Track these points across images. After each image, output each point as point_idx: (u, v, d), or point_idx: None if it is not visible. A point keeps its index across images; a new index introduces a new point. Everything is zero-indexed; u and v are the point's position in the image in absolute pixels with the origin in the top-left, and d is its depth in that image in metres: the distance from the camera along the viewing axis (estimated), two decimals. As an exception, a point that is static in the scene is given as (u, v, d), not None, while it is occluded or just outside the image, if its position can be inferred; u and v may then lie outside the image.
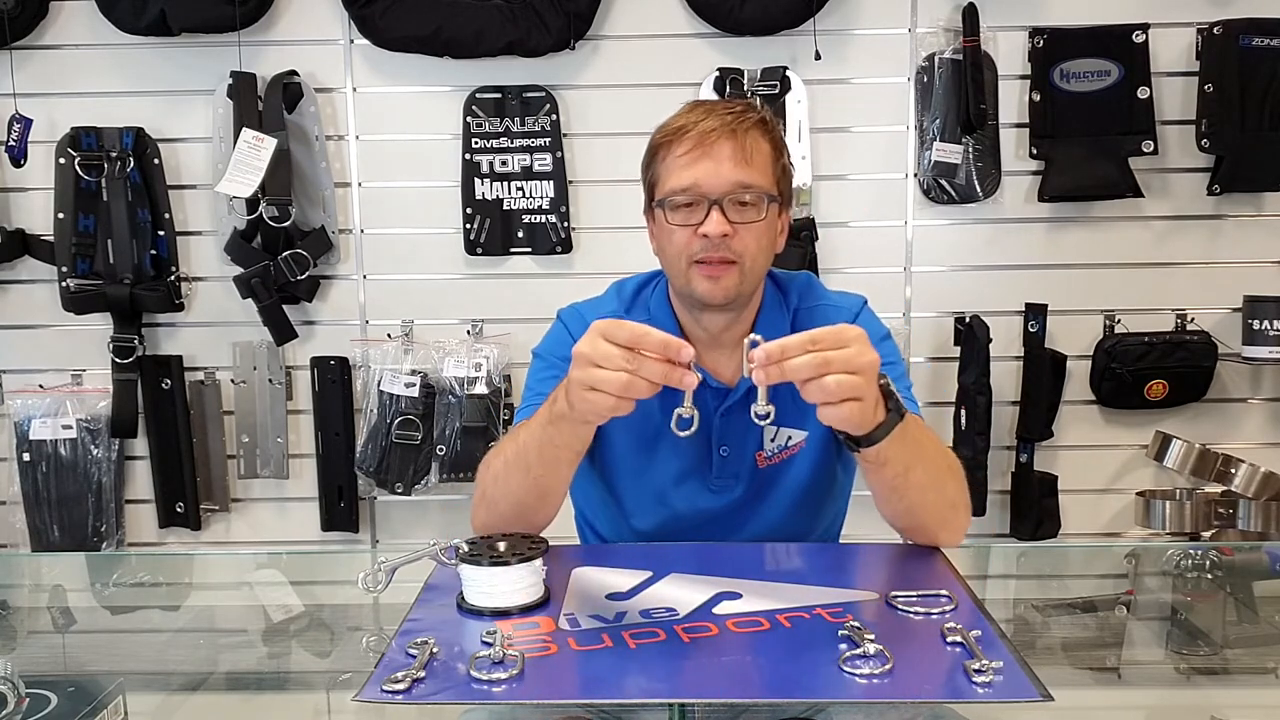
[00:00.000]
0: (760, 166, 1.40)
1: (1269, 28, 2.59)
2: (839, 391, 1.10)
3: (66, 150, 2.64)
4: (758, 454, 1.49)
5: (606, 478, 1.53)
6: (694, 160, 1.39)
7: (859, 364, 1.12)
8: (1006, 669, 0.99)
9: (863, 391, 1.12)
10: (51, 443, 2.70)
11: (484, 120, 2.69)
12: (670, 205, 1.41)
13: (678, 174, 1.40)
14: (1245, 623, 1.43)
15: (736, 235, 1.38)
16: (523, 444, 1.33)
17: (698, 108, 1.45)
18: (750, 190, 1.39)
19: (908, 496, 1.31)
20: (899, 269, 2.73)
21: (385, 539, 2.84)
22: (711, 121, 1.39)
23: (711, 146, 1.38)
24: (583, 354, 1.15)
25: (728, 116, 1.40)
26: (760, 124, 1.43)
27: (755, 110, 1.45)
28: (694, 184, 1.39)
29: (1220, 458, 2.58)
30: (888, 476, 1.27)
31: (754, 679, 1.01)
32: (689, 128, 1.40)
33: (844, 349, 1.11)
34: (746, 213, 1.39)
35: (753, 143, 1.40)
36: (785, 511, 1.51)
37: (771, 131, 1.44)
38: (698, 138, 1.39)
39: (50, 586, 1.71)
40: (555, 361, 1.52)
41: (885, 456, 1.23)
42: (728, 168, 1.38)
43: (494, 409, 2.66)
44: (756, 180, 1.39)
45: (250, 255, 2.68)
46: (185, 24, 2.60)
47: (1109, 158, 2.65)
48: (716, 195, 1.38)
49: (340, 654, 1.33)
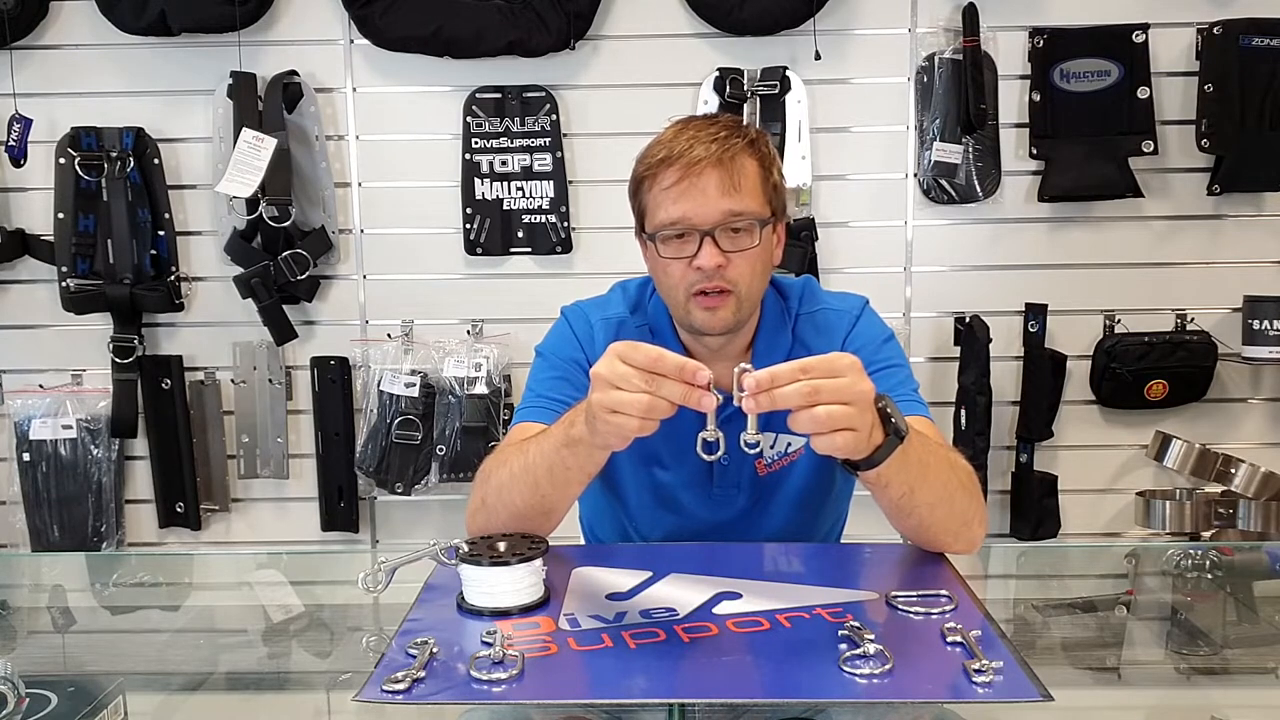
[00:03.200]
0: (749, 190, 1.38)
1: (1269, 28, 2.59)
2: (829, 422, 1.07)
3: (66, 150, 2.64)
4: (757, 462, 1.49)
5: (612, 488, 1.53)
6: (681, 193, 1.37)
7: (851, 394, 1.08)
8: (1006, 669, 0.98)
9: (855, 422, 1.09)
10: (51, 443, 2.70)
11: (484, 120, 2.69)
12: (661, 239, 1.39)
13: (666, 207, 1.38)
14: (1245, 623, 1.43)
15: (731, 264, 1.37)
16: (532, 461, 1.29)
17: (682, 133, 1.40)
18: (741, 218, 1.37)
19: (915, 514, 1.28)
20: (899, 269, 2.73)
21: (385, 539, 2.84)
22: (697, 150, 1.36)
23: (699, 177, 1.36)
24: (601, 377, 1.12)
25: (713, 145, 1.36)
26: (748, 145, 1.39)
27: (741, 130, 1.41)
28: (683, 217, 1.37)
29: (1220, 458, 2.58)
30: (892, 497, 1.25)
31: (754, 679, 1.01)
32: (673, 159, 1.37)
33: (836, 379, 1.08)
34: (739, 240, 1.38)
35: (740, 167, 1.37)
36: (787, 518, 1.51)
37: (759, 149, 1.41)
38: (684, 169, 1.36)
39: (50, 586, 1.71)
40: (557, 361, 1.52)
41: (886, 479, 1.21)
42: (716, 198, 1.36)
43: (494, 409, 2.66)
44: (747, 206, 1.37)
45: (250, 255, 2.68)
46: (185, 24, 2.60)
47: (1109, 158, 2.65)
48: (707, 227, 1.36)
49: (340, 654, 1.33)
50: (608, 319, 1.54)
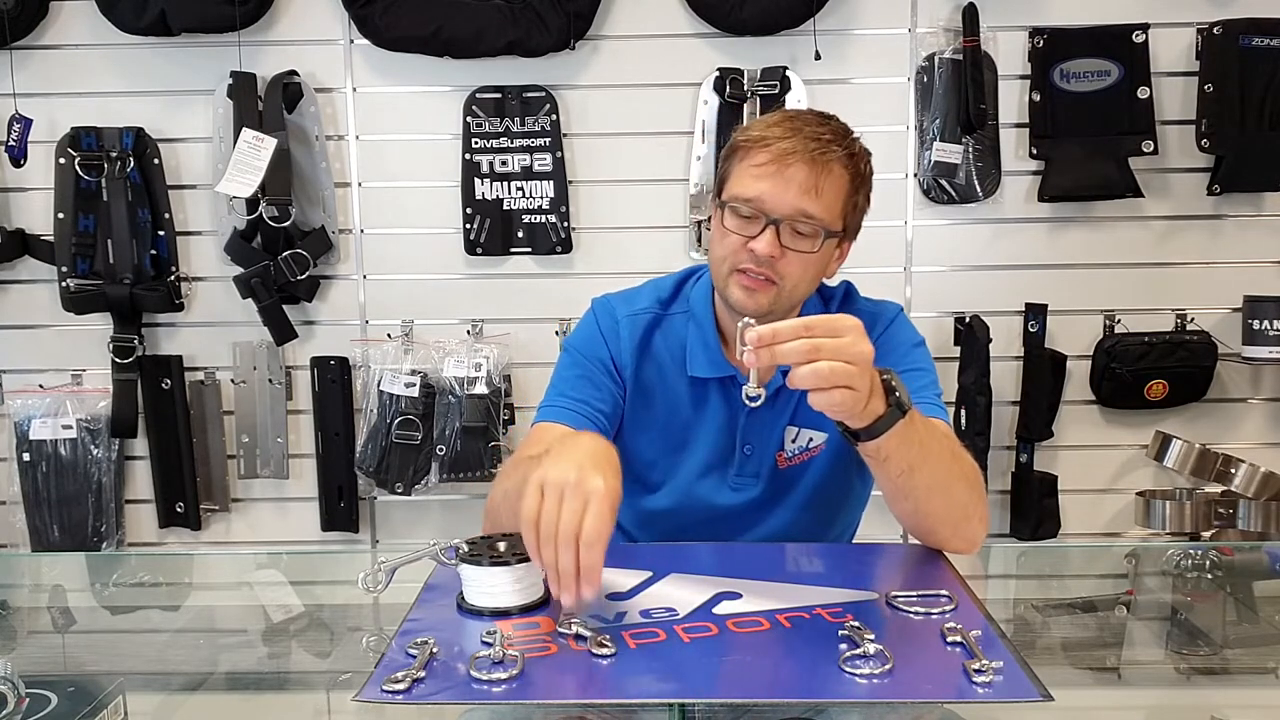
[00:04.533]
0: (829, 199, 1.38)
1: (1269, 28, 2.59)
2: (830, 378, 1.09)
3: (66, 150, 2.64)
4: (778, 454, 1.49)
5: (631, 464, 1.51)
6: (765, 175, 1.37)
7: (851, 353, 1.10)
8: (1006, 669, 0.98)
9: (854, 380, 1.11)
10: (51, 443, 2.70)
11: (484, 120, 2.69)
12: (730, 209, 1.40)
13: (747, 183, 1.39)
14: (1245, 623, 1.43)
15: (784, 258, 1.38)
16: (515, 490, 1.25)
17: (788, 120, 1.41)
18: (811, 221, 1.37)
19: (913, 497, 1.29)
20: (899, 269, 2.73)
21: (385, 539, 2.84)
22: (795, 143, 1.37)
23: (787, 167, 1.36)
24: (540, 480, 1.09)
25: (812, 144, 1.37)
26: (847, 156, 1.39)
27: (846, 141, 1.41)
28: (758, 198, 1.37)
29: (1220, 458, 2.58)
30: (891, 473, 1.26)
31: (754, 679, 1.01)
32: (770, 141, 1.38)
33: (838, 337, 1.10)
34: (801, 241, 1.38)
35: (830, 173, 1.37)
36: (799, 514, 1.52)
37: (856, 165, 1.41)
38: (777, 154, 1.37)
39: (50, 586, 1.71)
40: (580, 359, 1.53)
41: (886, 452, 1.22)
42: (795, 193, 1.36)
43: (494, 409, 2.65)
44: (821, 213, 1.37)
45: (250, 255, 2.68)
46: (185, 24, 2.60)
47: (1109, 158, 2.65)
48: (776, 216, 1.37)
49: (340, 654, 1.33)
50: (635, 315, 1.54)
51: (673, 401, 1.52)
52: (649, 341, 1.53)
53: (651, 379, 1.53)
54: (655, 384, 1.52)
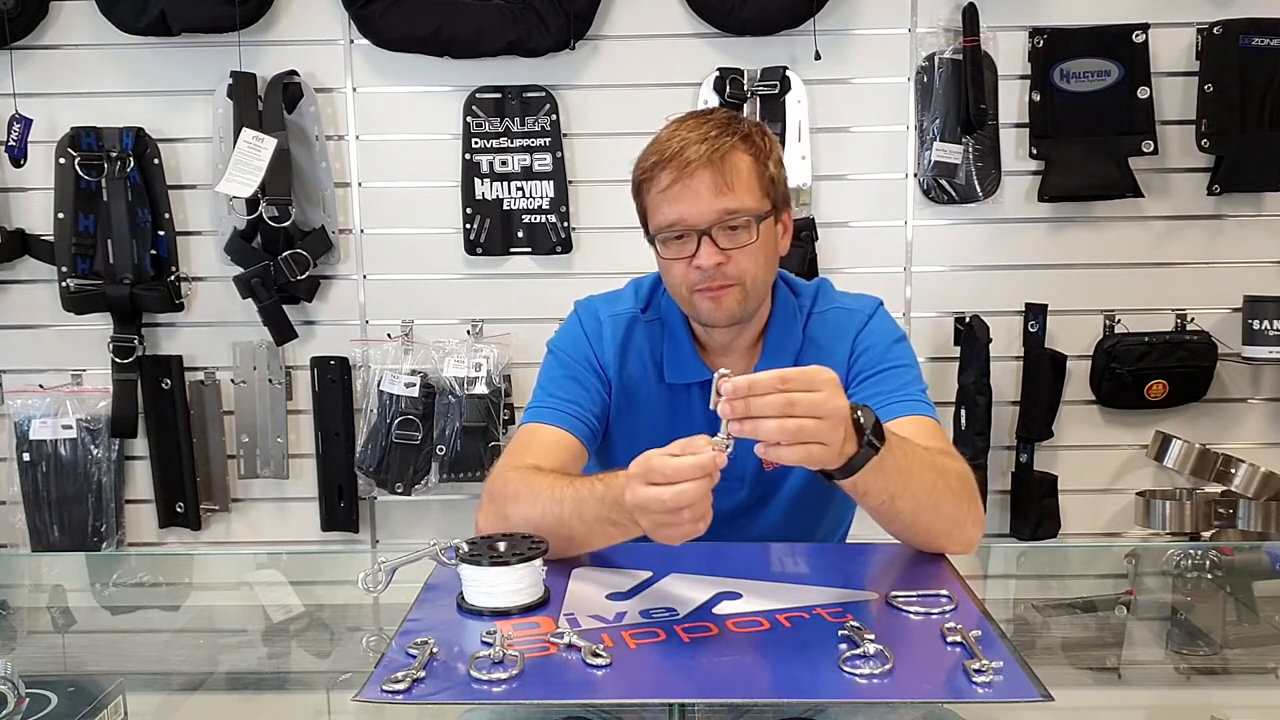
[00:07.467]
0: (744, 187, 1.39)
1: (1269, 28, 2.59)
2: (799, 434, 1.07)
3: (66, 150, 2.64)
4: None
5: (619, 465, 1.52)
6: (676, 195, 1.38)
7: (825, 409, 1.08)
8: (1006, 669, 0.99)
9: (825, 436, 1.09)
10: (51, 443, 2.70)
11: (484, 120, 2.69)
12: (662, 240, 1.41)
13: (663, 210, 1.40)
14: (1245, 623, 1.43)
15: (731, 260, 1.39)
16: (569, 514, 1.25)
17: (675, 134, 1.41)
18: (736, 215, 1.38)
19: (899, 520, 1.28)
20: (899, 269, 2.73)
21: (385, 539, 2.84)
22: (689, 151, 1.37)
23: (691, 179, 1.37)
24: (636, 505, 1.11)
25: (703, 145, 1.37)
26: (740, 140, 1.40)
27: (733, 126, 1.41)
28: (679, 219, 1.39)
29: (1220, 458, 2.58)
30: (872, 504, 1.25)
31: (754, 679, 1.02)
32: (666, 161, 1.39)
33: (813, 393, 1.08)
34: (737, 237, 1.39)
35: (732, 165, 1.38)
36: (786, 516, 1.52)
37: (753, 143, 1.41)
38: (676, 171, 1.38)
39: (50, 586, 1.71)
40: (566, 360, 1.53)
41: (864, 487, 1.20)
42: (709, 198, 1.37)
43: (494, 409, 2.65)
44: (741, 203, 1.38)
45: (250, 255, 2.68)
46: (185, 24, 2.60)
47: (1109, 158, 2.65)
48: (703, 226, 1.38)
49: (340, 654, 1.34)
50: (616, 315, 1.55)
51: (654, 405, 1.52)
52: (631, 343, 1.54)
53: (635, 379, 1.53)
54: (639, 385, 1.53)
